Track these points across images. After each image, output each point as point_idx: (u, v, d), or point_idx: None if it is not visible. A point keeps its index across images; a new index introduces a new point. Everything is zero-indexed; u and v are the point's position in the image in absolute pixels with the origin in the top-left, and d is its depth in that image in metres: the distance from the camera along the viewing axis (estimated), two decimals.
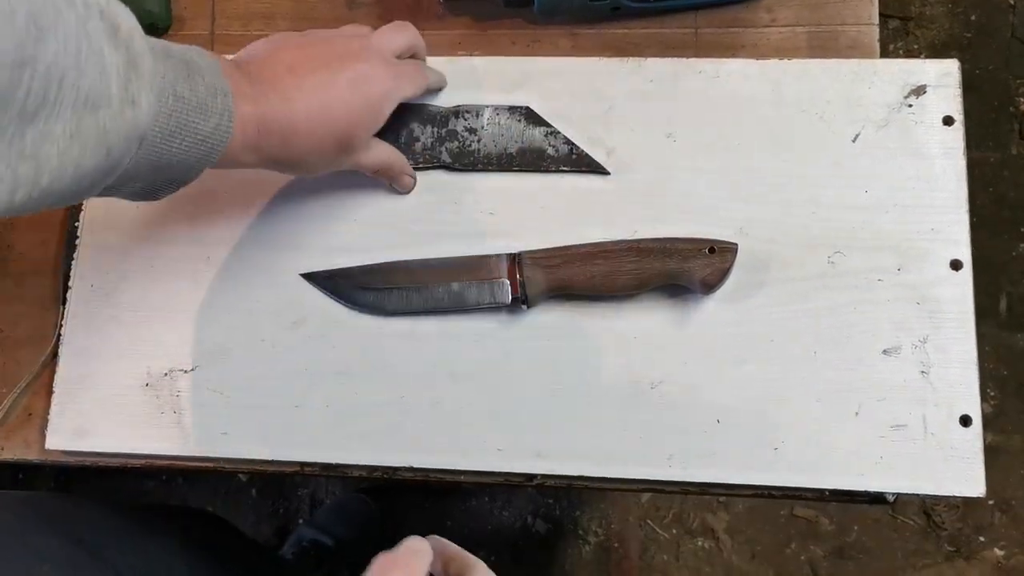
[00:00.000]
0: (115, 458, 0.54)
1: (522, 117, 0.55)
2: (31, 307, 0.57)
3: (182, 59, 0.40)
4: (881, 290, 0.51)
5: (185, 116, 0.39)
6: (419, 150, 0.55)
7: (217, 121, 0.40)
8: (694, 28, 0.58)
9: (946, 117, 0.53)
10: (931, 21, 1.25)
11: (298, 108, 0.44)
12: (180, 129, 0.39)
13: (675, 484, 0.50)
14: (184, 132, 0.39)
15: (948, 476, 0.48)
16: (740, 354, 0.51)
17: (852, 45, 0.57)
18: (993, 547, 1.10)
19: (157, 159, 0.39)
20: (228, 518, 0.77)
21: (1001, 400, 1.13)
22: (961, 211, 0.52)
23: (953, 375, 0.50)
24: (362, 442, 0.52)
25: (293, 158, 0.46)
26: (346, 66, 0.47)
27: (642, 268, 0.50)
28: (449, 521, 1.17)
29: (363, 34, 0.50)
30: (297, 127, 0.45)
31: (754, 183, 0.53)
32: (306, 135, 0.45)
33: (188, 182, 0.43)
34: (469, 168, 0.55)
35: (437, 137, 0.55)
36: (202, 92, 0.40)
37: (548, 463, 0.50)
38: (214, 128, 0.40)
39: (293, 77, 0.45)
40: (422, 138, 0.55)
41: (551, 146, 0.55)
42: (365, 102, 0.47)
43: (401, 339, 0.53)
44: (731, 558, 1.13)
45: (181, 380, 0.53)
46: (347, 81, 0.46)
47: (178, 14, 0.62)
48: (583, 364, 0.51)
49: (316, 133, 0.46)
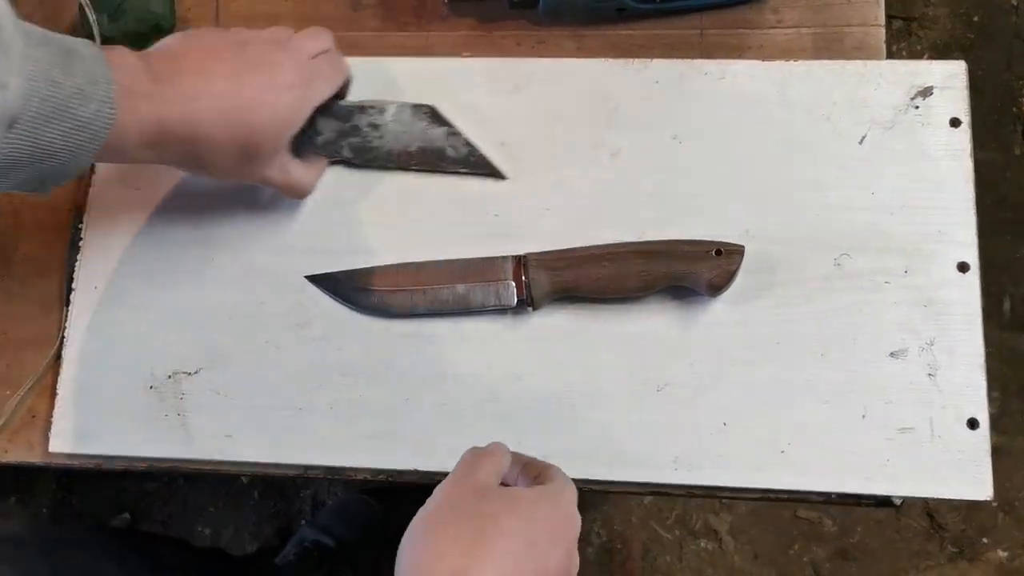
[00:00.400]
0: (119, 461, 0.54)
1: (425, 115, 0.55)
2: (35, 309, 0.57)
3: (61, 47, 0.39)
4: (888, 292, 0.51)
5: (62, 101, 0.38)
6: (320, 144, 0.54)
7: (97, 108, 0.40)
8: (699, 29, 0.58)
9: (953, 119, 0.53)
10: (934, 22, 1.25)
11: (200, 110, 0.43)
12: (57, 113, 0.38)
13: (681, 487, 0.50)
14: (61, 117, 0.39)
15: (955, 479, 0.48)
16: (746, 356, 0.51)
17: (858, 46, 0.56)
18: (996, 549, 1.10)
19: (34, 145, 0.39)
20: (230, 520, 0.77)
21: (1004, 401, 1.13)
22: (968, 213, 0.51)
23: (960, 377, 0.49)
24: (366, 445, 0.51)
25: (194, 161, 0.46)
26: (257, 70, 0.46)
27: (648, 270, 0.50)
28: None
29: (281, 38, 0.49)
30: (198, 130, 0.44)
31: (760, 185, 0.53)
32: (208, 139, 0.44)
33: (75, 172, 0.42)
34: (369, 165, 0.55)
35: (339, 132, 0.54)
36: (80, 78, 0.39)
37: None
38: (94, 114, 0.40)
39: (199, 77, 0.44)
40: (325, 132, 0.54)
41: (451, 147, 0.55)
42: (273, 111, 0.46)
43: (406, 341, 0.53)
44: (734, 559, 1.12)
45: (185, 382, 0.53)
46: (257, 86, 0.45)
47: (182, 15, 0.61)
48: (589, 366, 0.51)
49: (219, 138, 0.45)
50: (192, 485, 1.22)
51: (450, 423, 0.51)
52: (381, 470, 0.52)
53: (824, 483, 0.49)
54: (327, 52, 0.51)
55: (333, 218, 0.55)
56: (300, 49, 0.49)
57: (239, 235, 0.55)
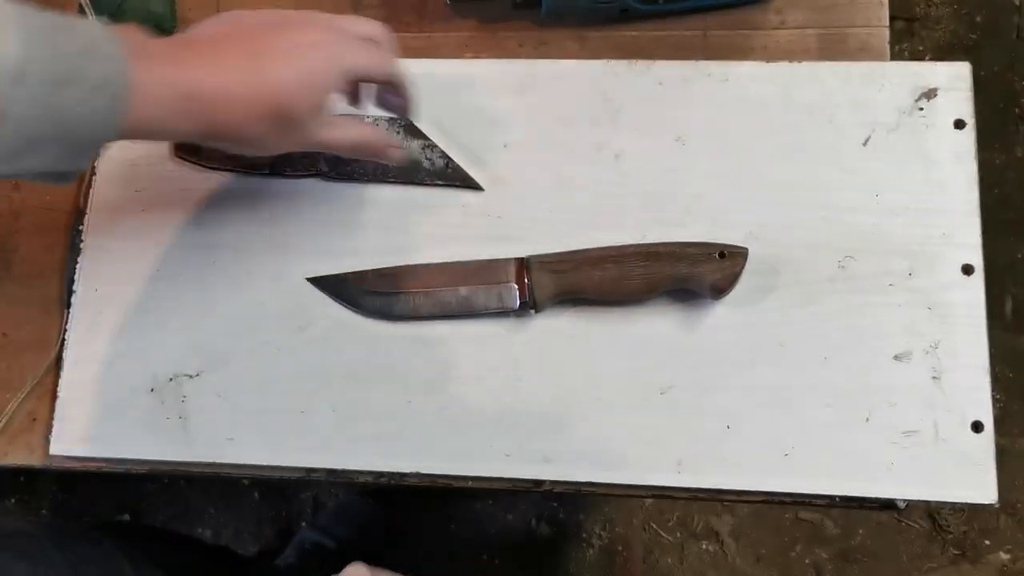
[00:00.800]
0: (120, 464, 0.54)
1: (401, 128, 0.55)
2: (36, 311, 0.57)
3: (56, 17, 0.38)
4: (892, 294, 0.50)
5: (71, 62, 0.36)
6: (296, 156, 0.54)
7: (105, 67, 0.38)
8: (703, 30, 0.57)
9: (957, 120, 0.53)
10: (936, 22, 1.24)
11: (226, 72, 0.41)
12: (67, 78, 0.36)
13: (684, 490, 0.50)
14: (72, 80, 0.37)
15: (960, 483, 0.48)
16: (750, 359, 0.50)
17: (862, 47, 0.56)
18: (999, 551, 1.10)
19: (54, 111, 0.37)
20: (231, 521, 0.76)
21: (1006, 403, 1.13)
22: (972, 215, 0.51)
23: (965, 380, 0.49)
24: (369, 447, 0.51)
25: (229, 129, 0.43)
26: (287, 33, 0.44)
27: (651, 273, 0.49)
28: (452, 524, 1.16)
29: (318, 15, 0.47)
30: (226, 92, 0.41)
31: (764, 187, 0.53)
32: (237, 102, 0.42)
33: (104, 141, 0.40)
34: (345, 178, 0.55)
35: None
36: (83, 39, 0.37)
37: (556, 469, 0.50)
38: (106, 74, 0.38)
39: (226, 42, 0.43)
40: None
41: (427, 159, 0.54)
42: (304, 69, 0.43)
43: (408, 344, 0.52)
44: (735, 561, 1.12)
45: (186, 385, 0.53)
46: (286, 47, 0.43)
47: (182, 14, 0.61)
48: (592, 369, 0.51)
49: (247, 100, 0.42)
50: (192, 486, 1.22)
51: (452, 426, 0.51)
52: (383, 473, 0.52)
53: (828, 486, 0.49)
54: (374, 41, 0.48)
55: (334, 220, 0.55)
56: (335, 22, 0.47)
57: (240, 237, 0.55)
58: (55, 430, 0.53)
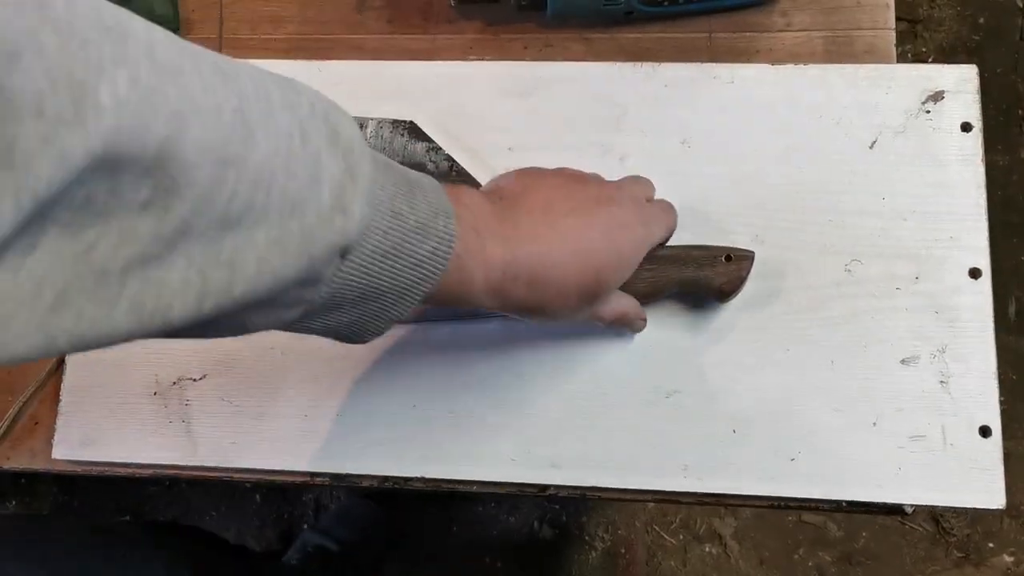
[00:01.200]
0: (123, 468, 0.53)
1: (405, 131, 0.55)
2: None
3: (405, 177, 0.35)
4: (899, 298, 0.50)
5: (402, 236, 0.34)
6: None
7: (435, 245, 0.35)
8: (708, 32, 0.57)
9: (964, 123, 0.52)
10: (939, 24, 1.24)
11: (550, 252, 0.40)
12: (395, 250, 0.34)
13: (691, 495, 0.50)
14: (399, 253, 0.34)
15: (967, 488, 0.48)
16: (756, 363, 0.50)
17: (868, 50, 0.56)
18: (1002, 553, 1.09)
19: (367, 283, 0.34)
20: (232, 523, 0.76)
21: (1011, 406, 1.13)
22: (980, 219, 0.51)
23: (972, 385, 0.49)
24: (373, 452, 0.51)
25: (538, 306, 0.41)
26: (602, 210, 0.43)
27: (657, 276, 0.49)
28: (455, 526, 1.16)
29: (611, 180, 0.47)
30: (547, 274, 0.40)
31: (770, 190, 0.52)
32: (555, 282, 0.41)
33: (398, 318, 0.37)
34: None
35: None
36: (423, 211, 0.35)
37: (562, 473, 0.50)
38: (431, 252, 0.35)
39: (547, 217, 0.41)
40: None
41: (431, 162, 0.54)
42: (618, 251, 0.43)
43: (413, 347, 0.52)
44: (738, 564, 1.12)
45: (190, 389, 0.53)
46: (602, 227, 0.43)
47: (185, 17, 0.61)
48: (597, 373, 0.51)
49: (565, 280, 0.41)
50: (194, 488, 1.22)
51: (457, 430, 0.51)
52: (388, 477, 0.51)
53: (835, 491, 0.48)
54: (655, 199, 0.50)
55: None
56: (632, 191, 0.47)
57: None
58: (58, 434, 0.53)
